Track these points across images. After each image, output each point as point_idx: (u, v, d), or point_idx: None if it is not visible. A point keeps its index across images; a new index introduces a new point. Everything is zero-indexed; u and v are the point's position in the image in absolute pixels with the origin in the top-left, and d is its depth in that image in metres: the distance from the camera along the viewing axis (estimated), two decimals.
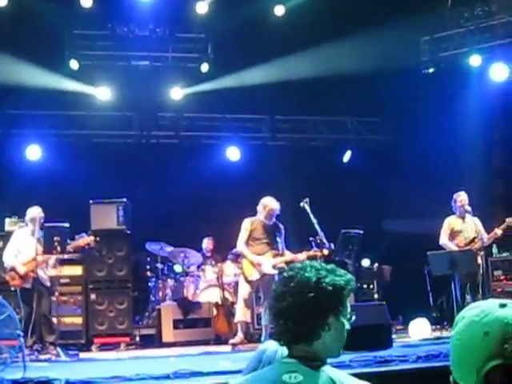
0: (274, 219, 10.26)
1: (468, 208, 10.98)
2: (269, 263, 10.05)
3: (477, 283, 10.77)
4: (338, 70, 13.80)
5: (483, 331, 1.65)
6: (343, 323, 2.58)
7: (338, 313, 2.55)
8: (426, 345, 9.15)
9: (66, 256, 10.77)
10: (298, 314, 2.51)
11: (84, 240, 10.61)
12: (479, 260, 10.80)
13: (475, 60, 13.78)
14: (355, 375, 2.59)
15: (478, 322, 1.68)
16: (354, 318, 2.63)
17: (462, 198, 11.09)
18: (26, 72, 13.26)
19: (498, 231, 10.85)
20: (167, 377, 6.33)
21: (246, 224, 10.25)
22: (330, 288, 2.52)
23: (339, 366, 5.62)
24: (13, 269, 10.10)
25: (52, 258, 10.13)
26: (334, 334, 2.55)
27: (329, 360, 2.60)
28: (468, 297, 10.76)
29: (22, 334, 7.07)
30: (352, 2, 13.07)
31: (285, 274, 2.63)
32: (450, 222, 11.16)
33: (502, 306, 1.70)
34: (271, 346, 3.13)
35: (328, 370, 2.47)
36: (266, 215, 10.16)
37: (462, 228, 11.08)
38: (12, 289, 10.06)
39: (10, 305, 7.46)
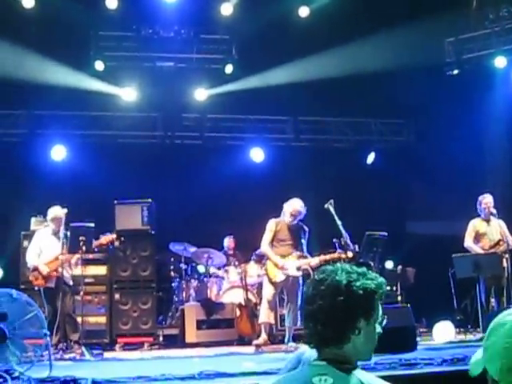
0: (299, 221, 10.25)
1: (493, 210, 10.91)
2: (293, 265, 10.03)
3: (502, 286, 10.70)
4: (361, 71, 13.77)
5: None
6: (374, 327, 2.57)
7: (369, 316, 2.54)
8: (450, 348, 9.11)
9: (90, 256, 10.87)
10: (328, 317, 2.51)
11: (107, 238, 10.67)
12: (504, 263, 10.72)
13: (500, 62, 13.70)
14: (380, 378, 2.58)
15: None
16: (385, 321, 2.62)
17: (487, 200, 11.02)
18: (52, 72, 13.35)
19: None
20: (193, 377, 6.33)
21: (271, 225, 10.24)
22: (361, 292, 2.51)
23: (364, 368, 5.61)
24: (35, 268, 10.18)
25: (74, 257, 10.19)
26: (365, 338, 2.55)
27: None
28: (493, 300, 10.70)
29: (48, 332, 7.11)
30: (376, 3, 13.03)
31: (315, 277, 2.62)
32: (475, 225, 11.09)
33: None
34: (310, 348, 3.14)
35: (359, 374, 2.47)
36: (291, 217, 10.14)
37: (486, 231, 11.01)
38: (36, 288, 10.14)
39: (36, 303, 7.50)
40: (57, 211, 10.37)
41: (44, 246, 10.30)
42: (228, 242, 13.73)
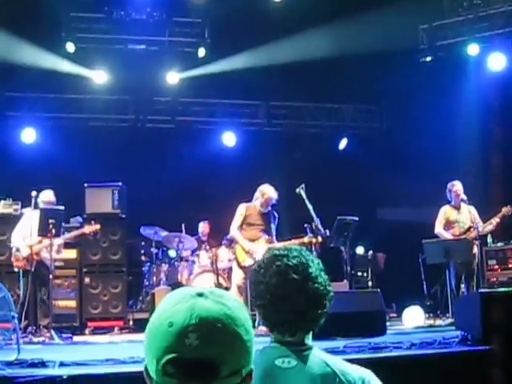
0: (269, 207, 10.24)
1: (464, 197, 10.97)
2: (262, 249, 10.01)
3: (472, 272, 10.80)
4: (334, 58, 13.77)
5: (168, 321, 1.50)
6: None
7: None
8: (420, 332, 9.19)
9: (70, 241, 10.80)
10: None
11: (90, 228, 10.57)
12: (475, 249, 10.82)
13: (473, 49, 13.74)
14: (349, 361, 2.56)
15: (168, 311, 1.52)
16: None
17: (457, 187, 11.07)
18: (22, 54, 13.19)
19: (494, 220, 10.85)
20: None
21: (241, 209, 10.22)
22: None
23: (334, 351, 5.63)
24: (18, 250, 10.11)
25: (56, 242, 10.08)
26: None
27: (324, 345, 2.59)
28: (463, 286, 10.79)
29: (16, 315, 7.05)
30: None
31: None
32: (446, 212, 11.16)
33: (199, 295, 1.52)
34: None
35: (319, 354, 2.45)
36: (263, 202, 10.13)
37: (457, 218, 11.08)
38: (15, 270, 10.05)
39: (5, 286, 7.44)
40: (49, 195, 10.31)
41: (30, 229, 10.19)
42: (203, 227, 13.68)
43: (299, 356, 2.42)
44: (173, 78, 14.65)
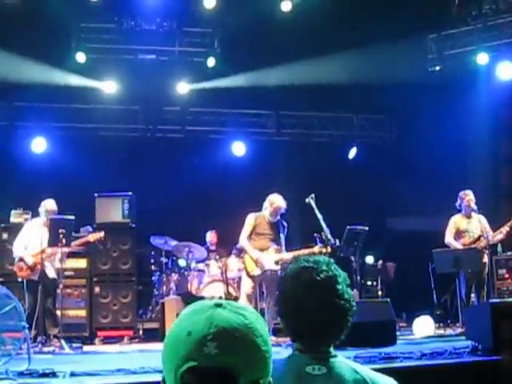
0: (278, 216, 10.24)
1: (474, 207, 10.93)
2: (271, 259, 10.02)
3: (482, 282, 10.76)
4: (343, 67, 13.79)
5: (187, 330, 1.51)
6: None
7: None
8: (430, 342, 9.15)
9: (74, 250, 10.81)
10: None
11: (94, 236, 10.61)
12: (485, 258, 10.77)
13: (482, 58, 13.72)
14: None
15: (187, 320, 1.54)
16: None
17: (469, 197, 11.00)
18: (32, 64, 13.25)
19: (504, 229, 10.80)
20: None
21: (250, 219, 10.21)
22: None
23: None
24: (21, 259, 10.12)
25: (60, 252, 10.09)
26: None
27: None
28: (473, 295, 10.75)
29: (26, 325, 7.07)
30: None
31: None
32: (456, 221, 11.11)
33: (218, 305, 1.54)
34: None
35: (346, 361, 2.46)
36: (272, 212, 10.12)
37: (467, 227, 11.02)
38: (19, 280, 10.08)
39: (15, 296, 7.45)
40: (52, 204, 10.34)
41: (32, 238, 10.23)
42: (210, 236, 13.71)
43: (327, 363, 2.42)
44: (183, 88, 14.69)
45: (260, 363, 1.51)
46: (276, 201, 10.14)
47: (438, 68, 14.16)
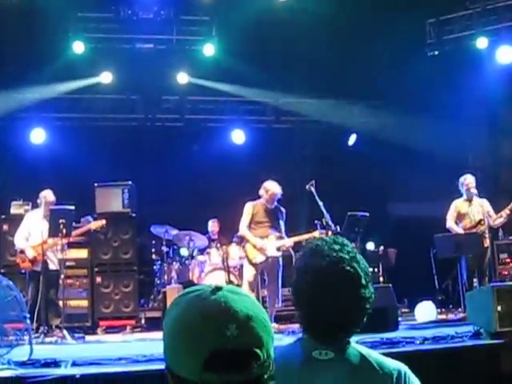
0: (275, 203, 10.24)
1: (474, 191, 10.90)
2: (272, 246, 10.04)
3: (484, 266, 10.74)
4: (342, 53, 13.74)
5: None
6: None
7: None
8: (432, 327, 9.14)
9: (75, 240, 10.82)
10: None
11: (96, 223, 10.63)
12: (487, 243, 10.74)
13: (481, 42, 13.67)
14: None
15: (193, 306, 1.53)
16: None
17: (468, 181, 11.00)
18: (30, 54, 13.21)
19: (505, 212, 10.77)
20: None
21: (248, 208, 10.22)
22: None
23: None
24: (22, 251, 10.12)
25: (61, 242, 10.09)
26: None
27: None
28: (475, 280, 10.73)
29: (28, 315, 7.06)
30: None
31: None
32: (457, 205, 11.09)
33: (218, 289, 1.54)
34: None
35: (354, 345, 2.42)
36: (268, 199, 10.14)
37: (468, 211, 11.00)
38: (23, 271, 10.08)
39: (17, 287, 7.44)
40: (50, 194, 10.33)
41: (33, 229, 10.23)
42: (212, 225, 13.69)
43: (336, 348, 2.38)
44: (183, 78, 14.61)
45: (271, 337, 1.55)
46: (271, 187, 10.16)
47: (437, 52, 14.11)
